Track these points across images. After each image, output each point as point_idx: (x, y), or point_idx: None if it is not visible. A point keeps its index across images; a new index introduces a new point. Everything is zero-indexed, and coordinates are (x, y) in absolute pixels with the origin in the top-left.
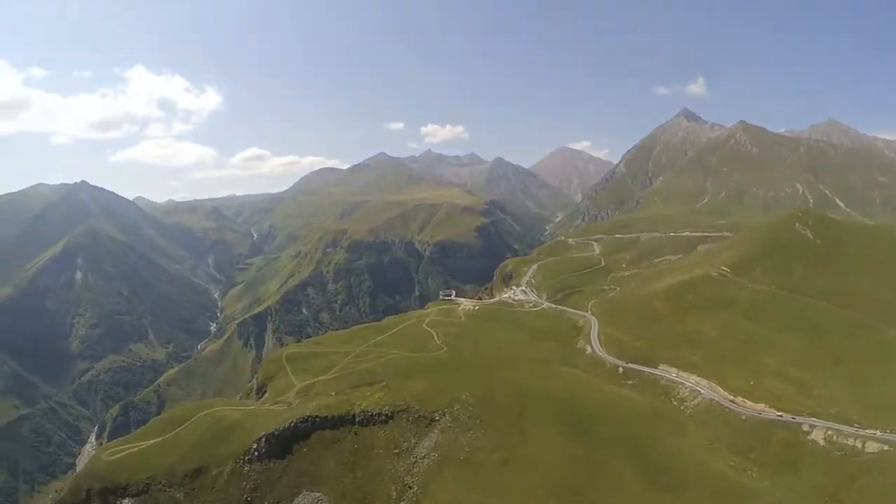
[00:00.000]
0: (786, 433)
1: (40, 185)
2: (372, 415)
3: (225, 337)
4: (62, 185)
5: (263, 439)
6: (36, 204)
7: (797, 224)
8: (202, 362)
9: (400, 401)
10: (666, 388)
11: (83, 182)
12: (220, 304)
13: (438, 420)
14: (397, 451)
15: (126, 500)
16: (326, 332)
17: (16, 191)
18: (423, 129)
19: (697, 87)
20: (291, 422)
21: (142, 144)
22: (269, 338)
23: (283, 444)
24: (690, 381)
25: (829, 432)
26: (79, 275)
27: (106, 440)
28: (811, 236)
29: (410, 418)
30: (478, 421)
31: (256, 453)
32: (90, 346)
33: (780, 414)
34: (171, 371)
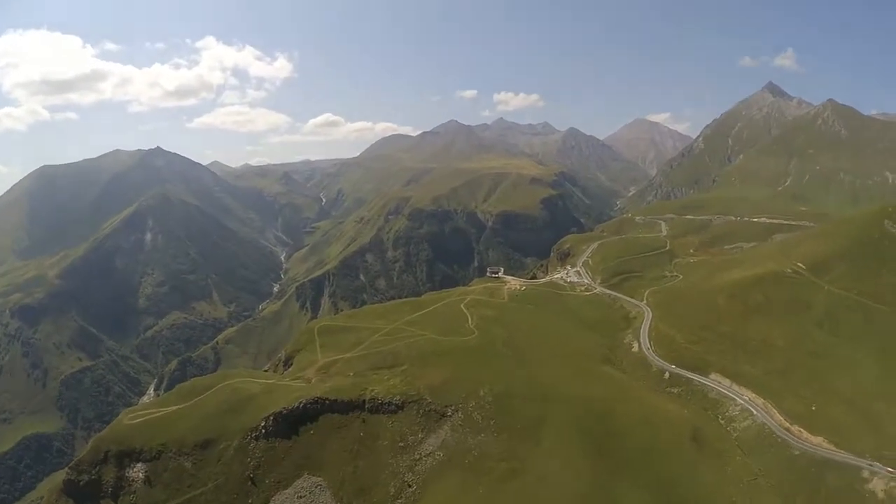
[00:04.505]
0: (840, 477)
1: (117, 151)
2: (382, 403)
3: (283, 299)
4: (137, 150)
5: (271, 417)
6: (112, 169)
7: (886, 221)
8: (260, 322)
9: (413, 390)
10: (714, 403)
11: (157, 148)
12: (285, 265)
13: (450, 416)
14: (402, 444)
15: (139, 465)
16: (382, 299)
17: (94, 157)
18: (497, 97)
19: (786, 60)
20: (301, 402)
21: (217, 111)
22: (326, 302)
23: (291, 423)
24: (744, 397)
25: (893, 484)
26: (149, 236)
27: (164, 392)
28: None
29: (421, 411)
30: (492, 422)
31: (263, 431)
32: (155, 303)
33: (835, 450)
34: (230, 329)
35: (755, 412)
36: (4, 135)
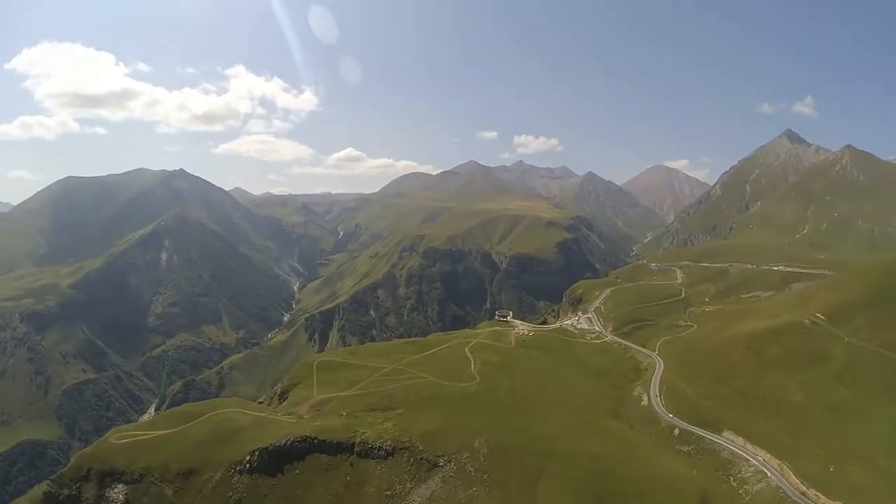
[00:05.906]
0: None
1: (142, 169)
2: (372, 447)
3: (293, 330)
4: (162, 171)
5: (257, 453)
6: (135, 186)
7: None
8: (266, 351)
9: (406, 436)
10: (726, 463)
11: (181, 170)
12: (297, 296)
13: (442, 466)
14: (389, 493)
15: (119, 486)
16: (391, 336)
17: (119, 173)
18: (517, 139)
19: (805, 107)
20: (289, 440)
21: (242, 139)
22: (334, 335)
23: (276, 460)
24: (759, 457)
25: None
26: (164, 256)
27: None
28: None
29: (412, 459)
30: (485, 476)
31: (248, 465)
32: (165, 323)
33: None
34: (236, 356)
35: (769, 474)
36: (33, 143)
